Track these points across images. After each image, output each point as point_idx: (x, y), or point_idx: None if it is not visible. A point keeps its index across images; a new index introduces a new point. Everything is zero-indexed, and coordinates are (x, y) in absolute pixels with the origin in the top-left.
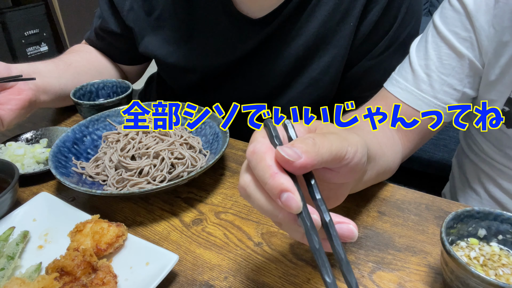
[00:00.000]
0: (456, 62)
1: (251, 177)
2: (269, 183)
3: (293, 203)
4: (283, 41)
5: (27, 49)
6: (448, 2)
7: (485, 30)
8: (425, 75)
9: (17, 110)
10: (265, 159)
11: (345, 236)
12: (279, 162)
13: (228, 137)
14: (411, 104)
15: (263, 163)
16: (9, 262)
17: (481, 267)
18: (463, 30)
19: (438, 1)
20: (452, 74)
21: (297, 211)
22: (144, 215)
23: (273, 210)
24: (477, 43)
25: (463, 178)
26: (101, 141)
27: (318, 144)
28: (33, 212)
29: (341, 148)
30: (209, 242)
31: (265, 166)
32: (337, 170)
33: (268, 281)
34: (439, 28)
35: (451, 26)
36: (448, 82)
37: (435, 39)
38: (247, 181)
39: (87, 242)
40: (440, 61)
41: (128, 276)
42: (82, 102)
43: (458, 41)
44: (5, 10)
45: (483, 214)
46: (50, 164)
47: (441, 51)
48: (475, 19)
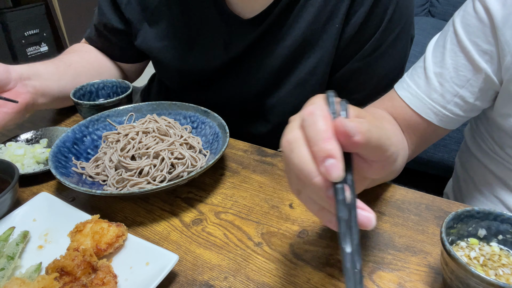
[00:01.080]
0: (472, 75)
1: (301, 134)
2: (320, 145)
3: (336, 170)
4: (273, 41)
5: (27, 49)
6: (472, 8)
7: (509, 45)
8: (438, 84)
9: (12, 113)
10: (322, 122)
11: (362, 222)
12: (337, 131)
13: (228, 137)
14: (419, 112)
15: (319, 125)
16: (9, 262)
17: (481, 267)
18: (485, 42)
19: (438, 1)
20: (465, 86)
21: (337, 179)
22: (144, 215)
23: (311, 171)
24: (498, 57)
25: (469, 179)
26: (101, 141)
27: (371, 129)
28: (33, 212)
29: (386, 140)
30: (209, 242)
31: (320, 128)
32: (371, 162)
33: (268, 281)
34: (460, 36)
35: (473, 36)
36: (460, 94)
37: (453, 47)
38: (296, 136)
39: (87, 242)
40: (456, 72)
41: (128, 276)
42: (82, 102)
43: (478, 53)
44: (5, 10)
45: (483, 214)
46: (50, 164)
47: (459, 61)
48: (500, 33)
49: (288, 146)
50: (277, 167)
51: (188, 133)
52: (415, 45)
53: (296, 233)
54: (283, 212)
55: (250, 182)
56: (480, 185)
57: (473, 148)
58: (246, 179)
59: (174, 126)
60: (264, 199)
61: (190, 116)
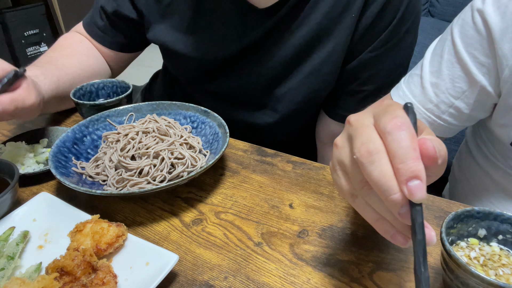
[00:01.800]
0: (468, 87)
1: (383, 146)
2: (408, 164)
3: (420, 192)
4: (287, 31)
5: (27, 49)
6: (471, 18)
7: (507, 59)
8: (434, 94)
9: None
10: (411, 140)
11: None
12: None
13: (228, 137)
14: None
15: (409, 143)
16: (9, 262)
17: (481, 267)
18: (483, 55)
19: (438, 1)
20: (461, 98)
21: (420, 201)
22: (144, 215)
23: (391, 187)
24: (495, 70)
25: (465, 182)
26: (101, 141)
27: (445, 149)
28: (33, 212)
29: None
30: (209, 242)
31: (409, 146)
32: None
33: (268, 281)
34: (457, 47)
35: (470, 48)
36: (455, 105)
37: (450, 57)
38: (379, 148)
39: (87, 242)
40: (452, 83)
41: (128, 276)
42: (82, 102)
43: (475, 65)
44: (5, 10)
45: (483, 214)
46: (50, 164)
47: (455, 72)
48: (498, 46)
49: (369, 157)
50: (277, 167)
51: (188, 133)
52: None
53: (296, 233)
54: (283, 212)
55: (250, 182)
56: (477, 189)
57: (474, 150)
58: (246, 179)
59: (174, 126)
60: (264, 199)
61: (190, 116)
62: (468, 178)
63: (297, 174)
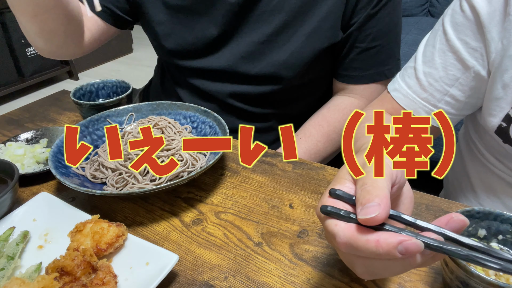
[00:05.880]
0: (461, 74)
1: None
2: (381, 253)
3: (413, 247)
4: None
5: (27, 49)
6: (459, 7)
7: (495, 42)
8: (428, 84)
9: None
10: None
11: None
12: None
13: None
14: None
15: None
16: (9, 262)
17: (481, 267)
18: (474, 40)
19: (438, 1)
20: (455, 85)
21: (421, 249)
22: (144, 215)
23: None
24: (486, 54)
25: (456, 183)
26: (101, 141)
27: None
28: (33, 212)
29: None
30: (209, 242)
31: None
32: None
33: (268, 281)
34: (449, 35)
35: (461, 34)
36: (450, 92)
37: (442, 46)
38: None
39: (87, 242)
40: (445, 71)
41: (128, 276)
42: (82, 102)
43: (467, 51)
44: (5, 10)
45: (483, 214)
46: (50, 164)
47: (447, 60)
48: (487, 30)
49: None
50: (277, 167)
51: (188, 133)
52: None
53: (296, 233)
54: (283, 212)
55: (250, 182)
56: (466, 191)
57: (465, 151)
58: (246, 179)
59: (174, 126)
60: (264, 199)
61: (190, 116)
62: (458, 180)
63: (297, 174)
